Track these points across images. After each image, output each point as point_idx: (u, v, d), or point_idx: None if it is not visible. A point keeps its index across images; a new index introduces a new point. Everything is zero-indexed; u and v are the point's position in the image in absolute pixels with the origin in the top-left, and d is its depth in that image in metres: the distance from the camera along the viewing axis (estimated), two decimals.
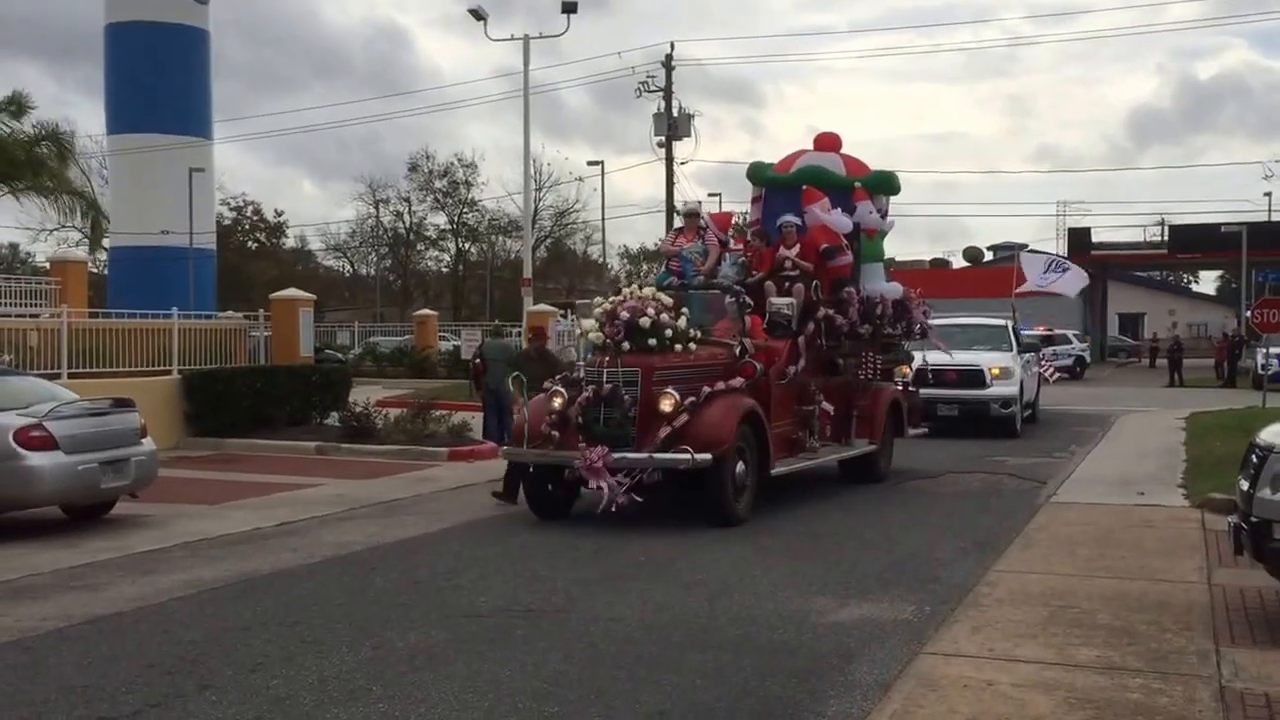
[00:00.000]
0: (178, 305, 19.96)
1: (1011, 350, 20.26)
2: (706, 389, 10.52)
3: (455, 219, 64.33)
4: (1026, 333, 26.91)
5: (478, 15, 30.37)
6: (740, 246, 13.26)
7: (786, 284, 12.19)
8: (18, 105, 25.12)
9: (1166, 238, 54.09)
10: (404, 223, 65.72)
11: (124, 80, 36.97)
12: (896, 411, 14.18)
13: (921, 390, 16.82)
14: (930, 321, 15.63)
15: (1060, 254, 41.81)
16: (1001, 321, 21.88)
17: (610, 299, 11.05)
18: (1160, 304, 75.86)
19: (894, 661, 6.23)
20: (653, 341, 10.57)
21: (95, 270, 41.80)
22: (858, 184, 13.60)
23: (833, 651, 6.43)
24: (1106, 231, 57.18)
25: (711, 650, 6.46)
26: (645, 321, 10.54)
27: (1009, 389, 19.08)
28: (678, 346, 10.71)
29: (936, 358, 17.74)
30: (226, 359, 19.26)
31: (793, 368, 11.73)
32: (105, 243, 35.72)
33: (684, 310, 10.95)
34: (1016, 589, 7.92)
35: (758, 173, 14.20)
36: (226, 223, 56.57)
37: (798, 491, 12.38)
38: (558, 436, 10.51)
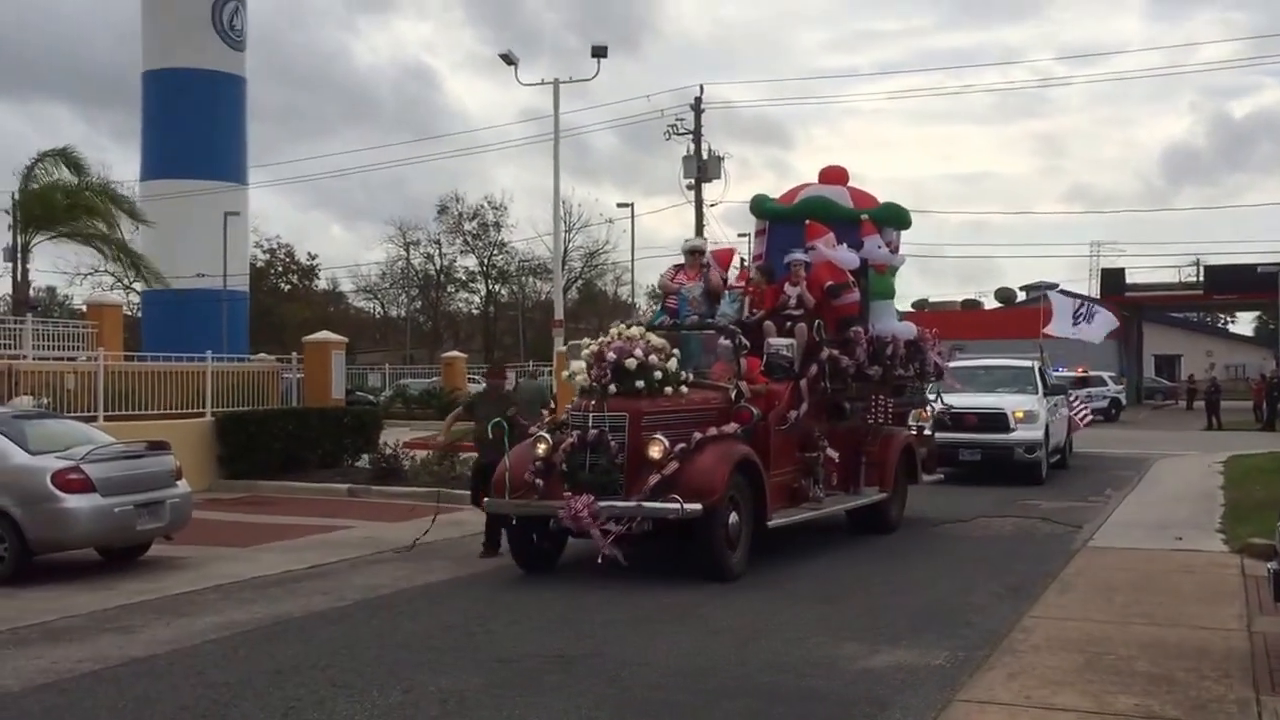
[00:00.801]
0: (211, 348, 20.20)
1: (1037, 393, 19.55)
2: (698, 435, 9.96)
3: (485, 261, 64.84)
4: (1059, 374, 26.61)
5: (508, 60, 30.73)
6: (741, 283, 12.63)
7: (788, 323, 11.63)
8: (67, 158, 25.73)
9: (1202, 278, 53.75)
10: (434, 265, 66.37)
11: (160, 126, 37.68)
12: (909, 457, 13.59)
13: (943, 434, 16.22)
14: (949, 364, 15.02)
15: (1091, 295, 41.57)
16: (1028, 363, 21.13)
17: (599, 340, 10.57)
18: (1197, 345, 75.08)
19: (928, 709, 6.15)
20: (640, 384, 10.03)
21: (129, 313, 42.31)
22: (864, 216, 12.99)
23: (865, 699, 6.37)
24: (1141, 272, 57.02)
25: (742, 697, 6.42)
26: (631, 363, 10.02)
27: (1033, 433, 18.37)
28: (668, 390, 10.18)
29: (957, 400, 17.03)
30: (259, 401, 19.43)
31: (794, 412, 11.10)
32: (138, 285, 36.20)
33: (674, 352, 10.40)
34: (1053, 635, 7.82)
35: (760, 205, 13.72)
36: (259, 265, 57.23)
37: (824, 536, 12.29)
38: (541, 485, 10.01)
